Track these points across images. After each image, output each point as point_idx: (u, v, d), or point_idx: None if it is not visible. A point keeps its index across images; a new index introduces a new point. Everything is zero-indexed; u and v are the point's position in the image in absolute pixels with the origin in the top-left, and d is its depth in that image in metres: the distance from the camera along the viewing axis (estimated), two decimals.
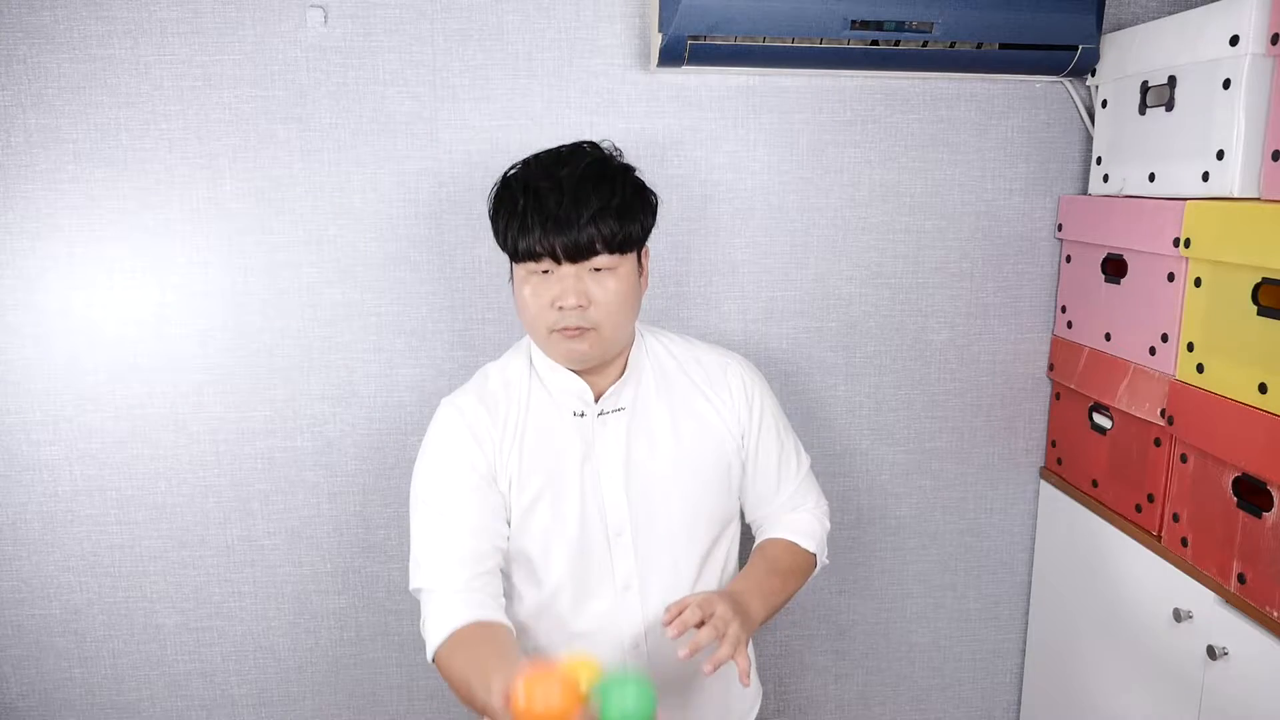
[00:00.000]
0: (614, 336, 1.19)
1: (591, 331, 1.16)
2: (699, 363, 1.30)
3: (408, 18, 1.53)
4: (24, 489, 1.60)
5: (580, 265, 1.15)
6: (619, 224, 1.15)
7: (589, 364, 1.21)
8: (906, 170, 1.66)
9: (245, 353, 1.60)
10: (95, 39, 1.49)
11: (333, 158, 1.56)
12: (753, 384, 1.31)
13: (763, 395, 1.31)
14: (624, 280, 1.17)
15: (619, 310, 1.17)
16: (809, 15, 1.42)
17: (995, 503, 1.80)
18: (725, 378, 1.29)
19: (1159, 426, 1.40)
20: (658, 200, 1.24)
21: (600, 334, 1.17)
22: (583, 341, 1.17)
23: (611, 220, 1.14)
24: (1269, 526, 1.21)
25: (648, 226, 1.21)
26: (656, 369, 1.28)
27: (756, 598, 1.20)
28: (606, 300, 1.16)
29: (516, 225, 1.15)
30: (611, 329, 1.18)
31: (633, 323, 1.23)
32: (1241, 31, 1.24)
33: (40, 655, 1.67)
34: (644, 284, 1.25)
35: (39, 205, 1.53)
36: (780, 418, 1.34)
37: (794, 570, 1.29)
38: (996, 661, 1.86)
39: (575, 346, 1.17)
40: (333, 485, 1.66)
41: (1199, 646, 1.31)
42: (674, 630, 1.06)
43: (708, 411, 1.27)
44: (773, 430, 1.31)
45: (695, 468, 1.25)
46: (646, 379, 1.27)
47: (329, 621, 1.71)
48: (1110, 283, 1.53)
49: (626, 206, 1.16)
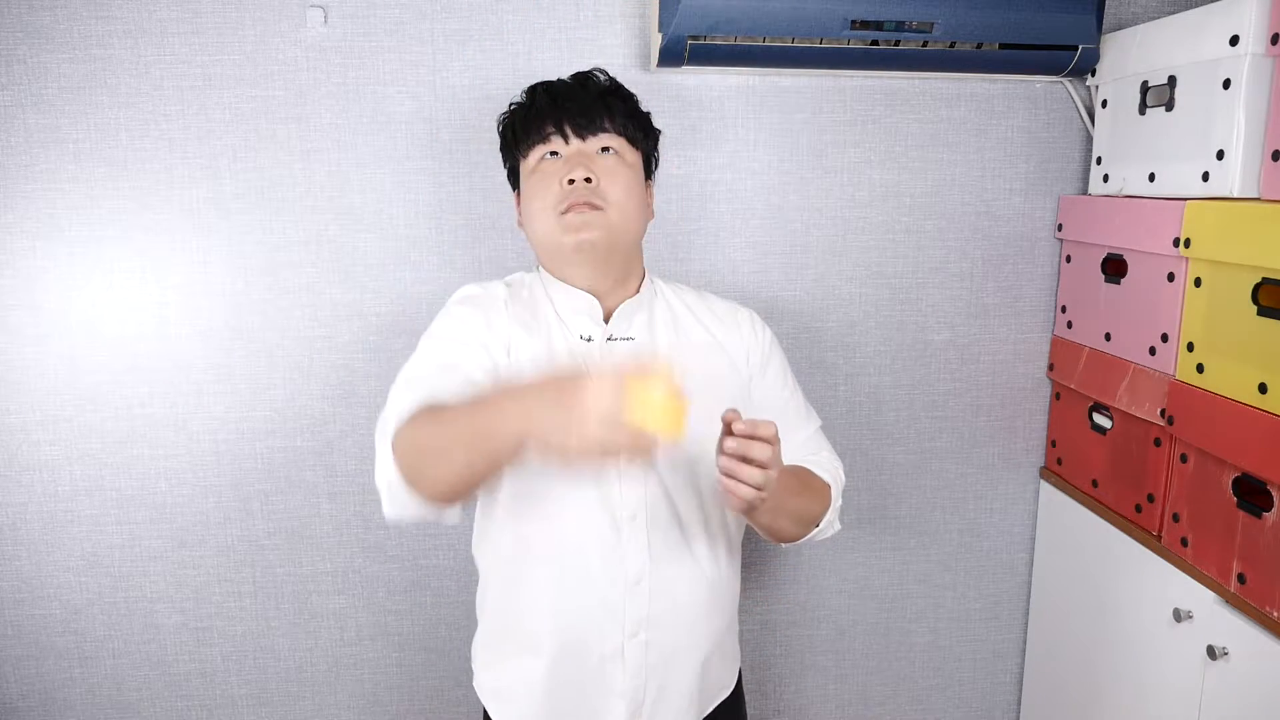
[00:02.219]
0: (623, 225, 1.15)
1: (601, 212, 1.13)
2: (710, 309, 1.28)
3: (408, 18, 1.53)
4: (24, 489, 1.61)
5: (589, 143, 1.16)
6: (629, 109, 1.18)
7: (598, 256, 1.15)
8: (906, 170, 1.66)
9: (245, 353, 1.60)
10: (95, 39, 1.49)
11: (333, 158, 1.56)
12: (764, 329, 1.28)
13: (773, 342, 1.29)
14: (633, 168, 1.17)
15: (628, 196, 1.15)
16: (809, 15, 1.42)
17: (995, 503, 1.80)
18: (735, 319, 1.27)
19: (1159, 426, 1.40)
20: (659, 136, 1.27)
21: (608, 216, 1.13)
22: (593, 222, 1.12)
23: (622, 102, 1.18)
24: (1269, 526, 1.21)
25: (652, 148, 1.23)
26: (668, 308, 1.25)
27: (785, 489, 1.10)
28: (615, 181, 1.14)
29: (524, 112, 1.19)
30: (620, 215, 1.14)
31: (640, 228, 1.20)
32: (1241, 31, 1.24)
33: (40, 655, 1.67)
34: (649, 212, 1.23)
35: (39, 205, 1.53)
36: (790, 371, 1.30)
37: (810, 486, 1.20)
38: (996, 661, 1.86)
39: (586, 227, 1.12)
40: (333, 485, 1.66)
41: (1199, 646, 1.31)
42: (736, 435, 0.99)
43: (717, 350, 1.24)
44: (781, 375, 1.28)
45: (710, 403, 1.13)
46: (659, 313, 1.23)
47: (329, 621, 1.71)
48: (1110, 283, 1.53)
49: (632, 106, 1.20)
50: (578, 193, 1.13)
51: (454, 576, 1.72)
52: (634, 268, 1.23)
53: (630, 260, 1.21)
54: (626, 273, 1.21)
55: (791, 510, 1.15)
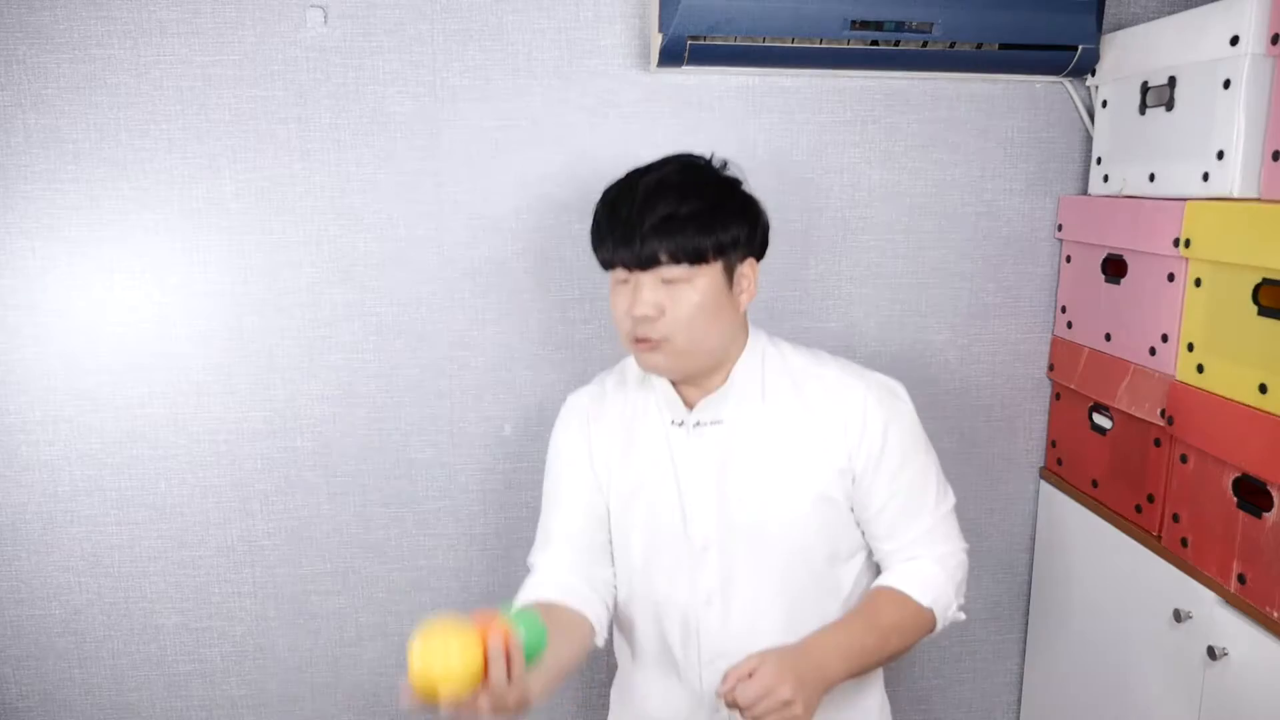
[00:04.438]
0: (691, 349, 1.14)
1: (665, 343, 1.13)
2: (820, 380, 1.21)
3: (408, 18, 1.53)
4: (24, 489, 1.60)
5: (652, 275, 1.12)
6: (689, 233, 1.10)
7: (673, 376, 1.19)
8: (906, 170, 1.66)
9: (245, 353, 1.60)
10: (95, 39, 1.49)
11: (333, 158, 1.56)
12: (878, 413, 1.18)
13: (888, 426, 1.18)
14: (702, 292, 1.12)
15: (692, 323, 1.12)
16: (809, 15, 1.41)
17: (995, 503, 1.80)
18: (843, 400, 1.19)
19: (1159, 427, 1.40)
20: (760, 211, 1.20)
21: (673, 345, 1.13)
22: (657, 353, 1.14)
23: (679, 229, 1.10)
24: (1269, 526, 1.21)
25: (739, 237, 1.15)
26: (767, 383, 1.21)
27: (839, 656, 1.10)
28: (678, 313, 1.11)
29: (594, 235, 1.16)
30: (687, 342, 1.13)
31: (720, 336, 1.16)
32: (1241, 31, 1.24)
33: (40, 656, 1.67)
34: (746, 295, 1.18)
35: (39, 205, 1.53)
36: (915, 456, 1.21)
37: (898, 627, 1.15)
38: (996, 662, 1.86)
39: (650, 358, 1.15)
40: (333, 485, 1.66)
41: (1199, 646, 1.31)
42: (728, 700, 1.02)
43: (811, 436, 1.18)
44: (893, 468, 1.18)
45: (791, 494, 1.18)
46: (752, 392, 1.20)
47: (329, 621, 1.71)
48: (1110, 283, 1.53)
49: (702, 215, 1.11)
50: (640, 328, 1.13)
51: (454, 576, 1.72)
52: (725, 356, 1.19)
53: (717, 357, 1.18)
54: (714, 367, 1.19)
55: (876, 662, 1.17)
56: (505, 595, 1.74)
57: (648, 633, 1.26)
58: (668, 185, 1.12)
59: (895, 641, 1.15)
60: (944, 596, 1.19)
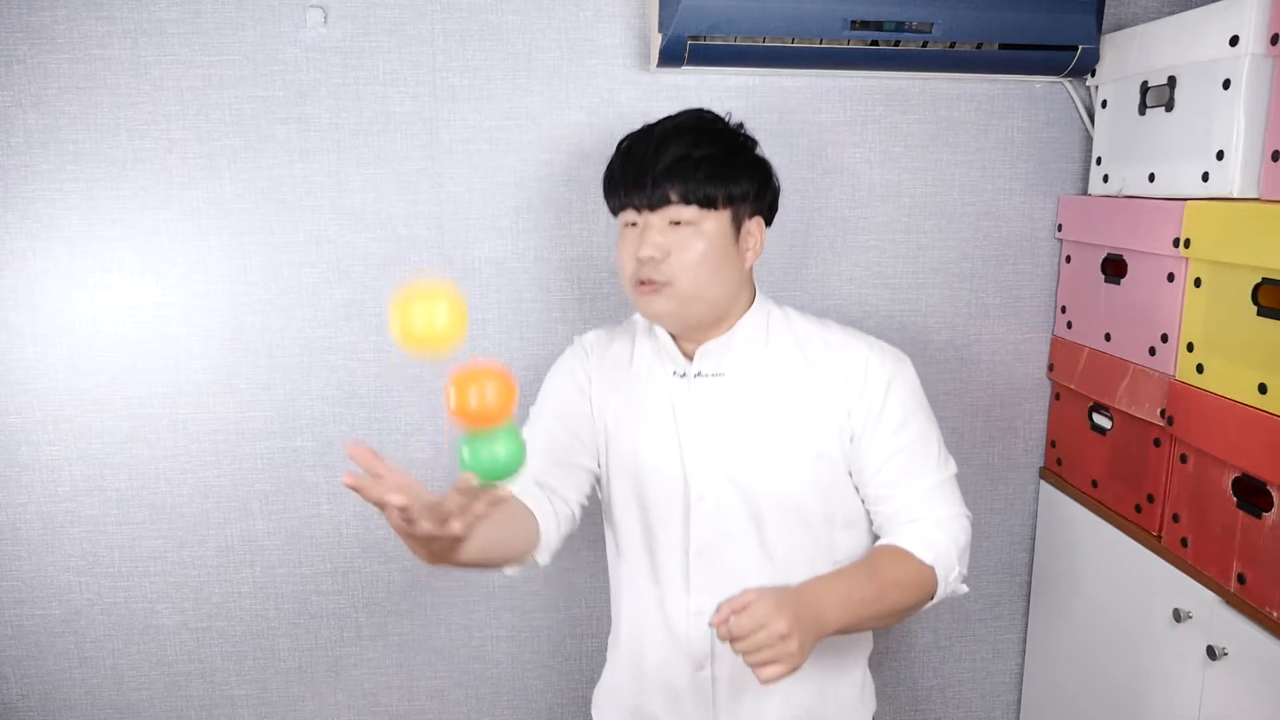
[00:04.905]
0: (694, 295, 1.14)
1: (667, 287, 1.13)
2: (824, 340, 1.21)
3: (408, 18, 1.53)
4: (24, 489, 1.60)
5: (660, 215, 1.13)
6: (701, 176, 1.12)
7: (672, 324, 1.19)
8: (906, 170, 1.66)
9: (245, 353, 1.60)
10: (95, 39, 1.49)
11: (333, 158, 1.56)
12: (880, 370, 1.17)
13: (891, 383, 1.17)
14: (709, 239, 1.13)
15: (698, 268, 1.12)
16: (809, 15, 1.42)
17: (995, 503, 1.80)
18: (845, 357, 1.18)
19: (1159, 427, 1.40)
20: (772, 172, 1.22)
21: (676, 290, 1.13)
22: (659, 297, 1.14)
23: (692, 171, 1.12)
24: (1269, 526, 1.21)
25: (749, 191, 1.17)
26: (771, 341, 1.21)
27: (835, 603, 1.05)
28: (684, 257, 1.12)
29: (607, 179, 1.19)
30: (690, 286, 1.13)
31: (723, 287, 1.16)
32: (1241, 31, 1.24)
33: (40, 656, 1.67)
34: (751, 253, 1.19)
35: (39, 205, 1.53)
36: (917, 416, 1.19)
37: (897, 582, 1.10)
38: (996, 661, 1.86)
39: (652, 302, 1.15)
40: (333, 485, 1.66)
41: (1199, 646, 1.31)
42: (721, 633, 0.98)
43: (812, 392, 1.18)
44: (893, 425, 1.17)
45: (790, 449, 1.18)
46: (755, 344, 1.20)
47: (329, 621, 1.71)
48: (1110, 283, 1.53)
49: (715, 160, 1.13)
50: (644, 269, 1.14)
51: (454, 577, 1.72)
52: (728, 310, 1.20)
53: (721, 312, 1.19)
54: (717, 318, 1.19)
55: (874, 616, 1.09)
56: (505, 595, 1.75)
57: (640, 584, 1.26)
58: (684, 130, 1.15)
59: (894, 596, 1.09)
60: (945, 558, 1.13)
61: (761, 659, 0.95)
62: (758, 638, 0.95)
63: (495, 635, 1.75)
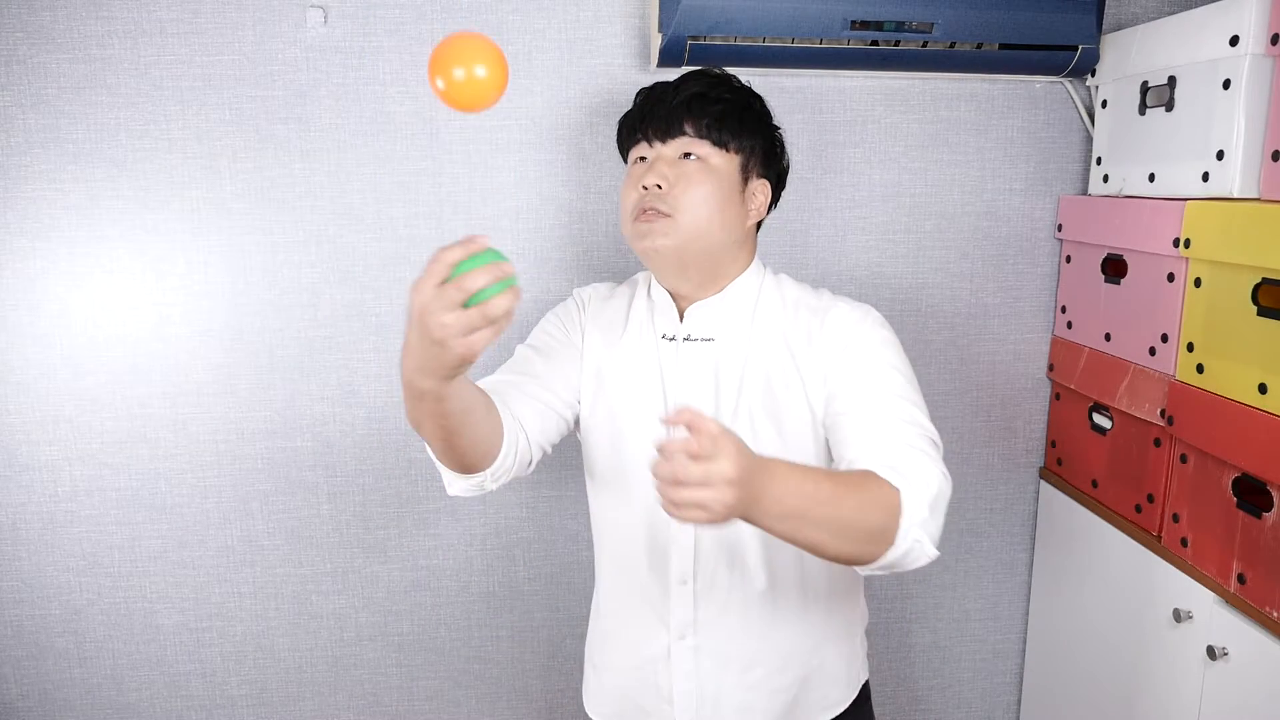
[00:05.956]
0: (694, 231, 1.12)
1: (668, 219, 1.12)
2: (809, 307, 1.19)
3: (408, 18, 1.53)
4: (24, 489, 1.61)
5: (672, 146, 1.15)
6: (716, 112, 1.14)
7: (668, 262, 1.15)
8: (906, 170, 1.66)
9: (245, 353, 1.60)
10: (95, 39, 1.49)
11: (333, 158, 1.56)
12: (857, 324, 1.14)
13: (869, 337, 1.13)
14: (715, 177, 1.13)
15: (699, 204, 1.12)
16: (809, 15, 1.42)
17: (995, 503, 1.80)
18: (824, 316, 1.16)
19: (1159, 427, 1.40)
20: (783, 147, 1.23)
21: (675, 223, 1.11)
22: (659, 230, 1.12)
23: (708, 107, 1.14)
24: (1269, 526, 1.21)
25: (756, 146, 1.17)
26: (761, 304, 1.20)
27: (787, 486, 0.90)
28: (690, 189, 1.12)
29: (623, 120, 1.22)
30: (691, 220, 1.12)
31: (723, 231, 1.14)
32: (1241, 31, 1.24)
33: (40, 655, 1.67)
34: (755, 212, 1.19)
35: (39, 205, 1.53)
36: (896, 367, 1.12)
37: (856, 489, 0.95)
38: (996, 661, 1.86)
39: (651, 234, 1.13)
40: (333, 485, 1.66)
41: (1199, 646, 1.31)
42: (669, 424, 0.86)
43: (796, 360, 1.16)
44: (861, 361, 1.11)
45: (779, 415, 1.15)
46: (745, 308, 1.19)
47: (329, 621, 1.71)
48: (1110, 283, 1.53)
49: (731, 107, 1.15)
50: (647, 199, 1.14)
51: (454, 576, 1.72)
52: (725, 268, 1.18)
53: (718, 262, 1.17)
54: (714, 274, 1.18)
55: (822, 520, 0.92)
56: (505, 595, 1.75)
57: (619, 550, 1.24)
58: (703, 78, 1.19)
59: (851, 505, 0.94)
60: (915, 495, 0.98)
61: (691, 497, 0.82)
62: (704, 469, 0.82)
63: (495, 635, 1.75)
